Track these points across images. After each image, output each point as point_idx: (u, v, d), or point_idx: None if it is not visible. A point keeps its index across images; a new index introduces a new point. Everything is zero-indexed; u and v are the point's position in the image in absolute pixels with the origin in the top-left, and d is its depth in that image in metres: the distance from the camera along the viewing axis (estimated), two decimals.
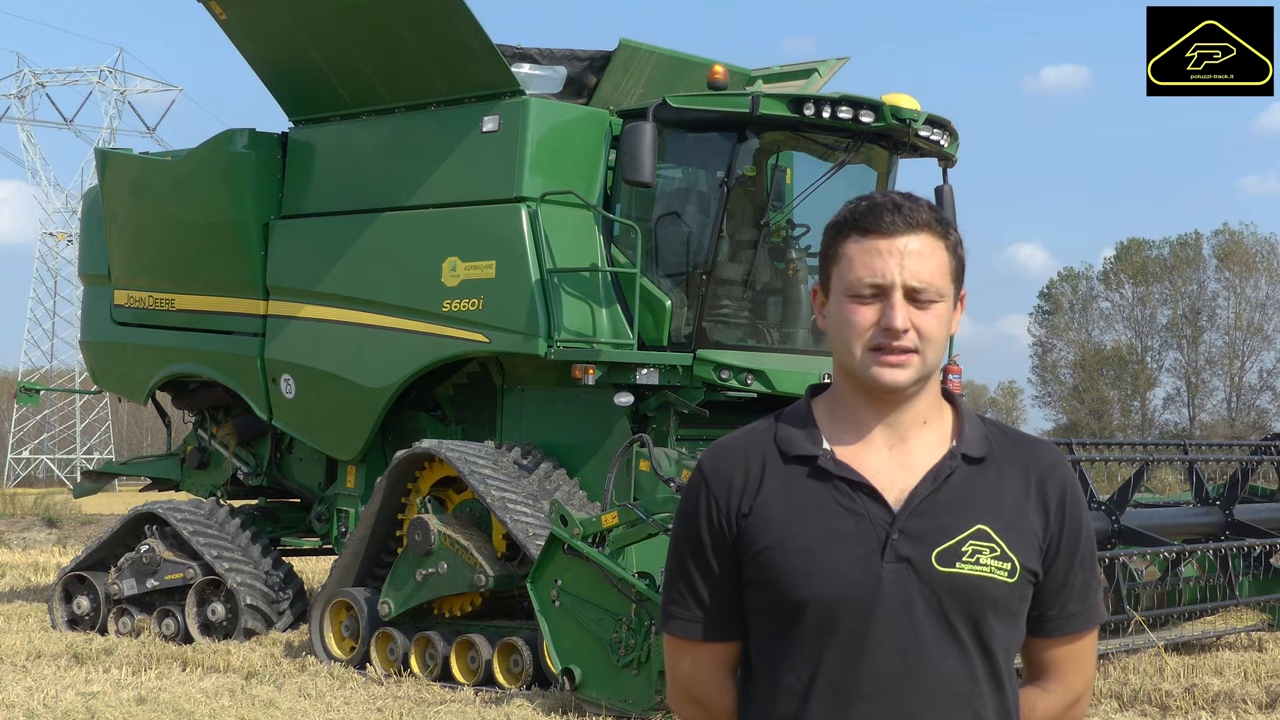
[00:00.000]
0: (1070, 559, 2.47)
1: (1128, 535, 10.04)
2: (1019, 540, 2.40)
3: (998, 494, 2.42)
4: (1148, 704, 9.14)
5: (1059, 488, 2.47)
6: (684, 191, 11.44)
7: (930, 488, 2.40)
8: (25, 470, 68.00)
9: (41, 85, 69.41)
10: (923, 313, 2.39)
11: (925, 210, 2.43)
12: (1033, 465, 2.47)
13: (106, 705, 9.06)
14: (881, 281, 2.38)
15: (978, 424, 2.50)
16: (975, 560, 2.36)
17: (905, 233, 2.40)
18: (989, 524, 2.39)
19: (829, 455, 2.42)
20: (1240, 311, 59.93)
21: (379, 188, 11.84)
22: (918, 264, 2.39)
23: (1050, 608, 2.48)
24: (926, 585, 2.35)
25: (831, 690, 2.36)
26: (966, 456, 2.43)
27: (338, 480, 12.68)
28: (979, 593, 2.36)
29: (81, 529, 26.55)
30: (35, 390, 17.99)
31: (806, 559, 2.36)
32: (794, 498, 2.41)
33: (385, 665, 10.51)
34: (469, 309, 11.03)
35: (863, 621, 2.34)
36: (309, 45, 11.90)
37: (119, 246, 13.61)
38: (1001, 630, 2.39)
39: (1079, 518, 2.48)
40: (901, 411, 2.44)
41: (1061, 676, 2.54)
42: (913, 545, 2.36)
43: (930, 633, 2.35)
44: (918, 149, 11.41)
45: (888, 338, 2.37)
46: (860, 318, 2.40)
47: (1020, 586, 2.40)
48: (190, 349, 13.10)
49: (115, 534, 12.70)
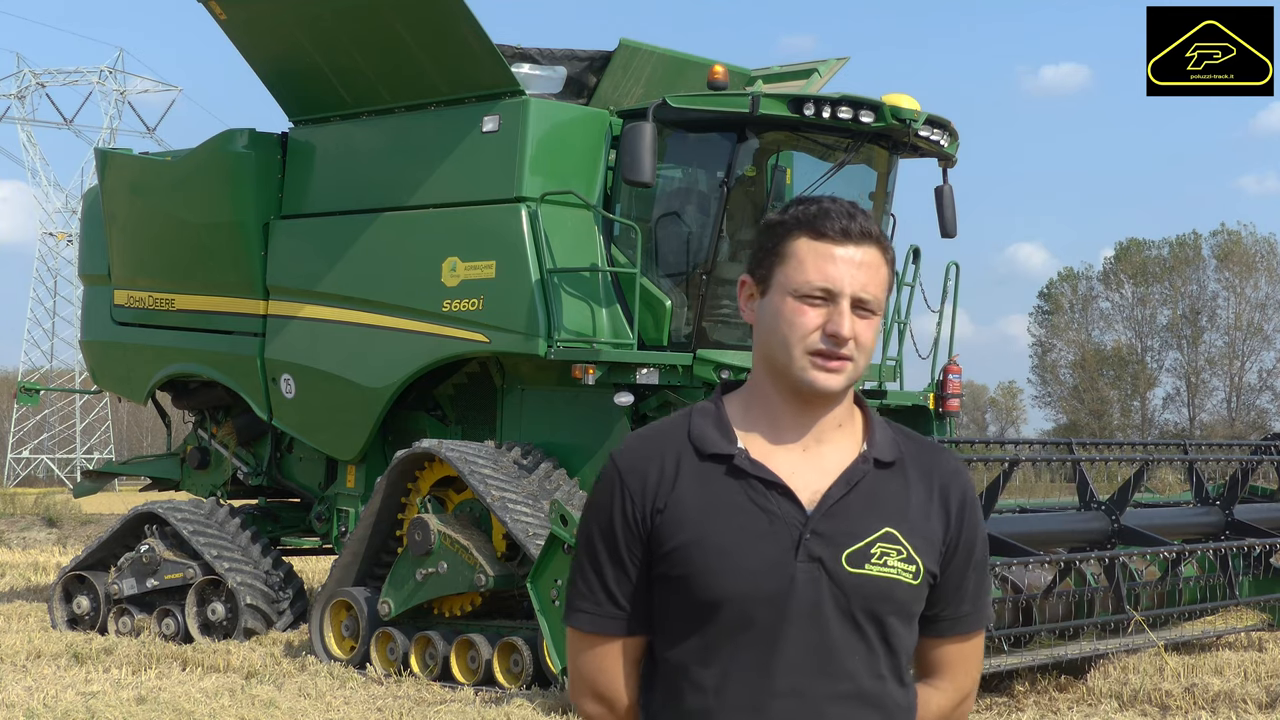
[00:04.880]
0: (966, 562, 2.53)
1: (1128, 535, 10.04)
2: (923, 544, 2.45)
3: (905, 498, 2.47)
4: (1148, 704, 9.14)
5: (960, 494, 2.53)
6: (684, 191, 11.44)
7: (843, 490, 2.44)
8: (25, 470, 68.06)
9: (41, 85, 69.53)
10: (863, 322, 2.44)
11: (874, 223, 2.48)
12: (936, 471, 2.53)
13: (106, 705, 9.06)
14: (833, 287, 2.42)
15: (886, 429, 2.56)
16: (883, 562, 2.41)
17: (858, 242, 2.44)
18: (896, 527, 2.43)
19: (744, 454, 2.44)
20: (1240, 311, 60.00)
21: (379, 188, 11.84)
22: (866, 275, 2.44)
23: (945, 608, 2.53)
24: (836, 585, 2.39)
25: (743, 687, 2.39)
26: (878, 461, 2.49)
27: (338, 480, 12.68)
28: (886, 594, 2.41)
29: (81, 529, 26.54)
30: (35, 390, 17.98)
31: (721, 557, 2.38)
32: (709, 495, 2.42)
33: (385, 665, 10.51)
34: (469, 309, 11.04)
35: (775, 620, 2.38)
36: (309, 45, 11.91)
37: (119, 246, 13.62)
38: (904, 631, 2.45)
39: (975, 523, 2.55)
40: (820, 414, 2.49)
41: (952, 675, 2.59)
42: (824, 546, 2.39)
43: (839, 632, 2.39)
44: (918, 149, 11.42)
45: (833, 344, 2.42)
46: (806, 319, 2.43)
47: (922, 589, 2.46)
48: (190, 349, 13.10)
49: (115, 534, 12.70)
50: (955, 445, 11.08)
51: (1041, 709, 9.10)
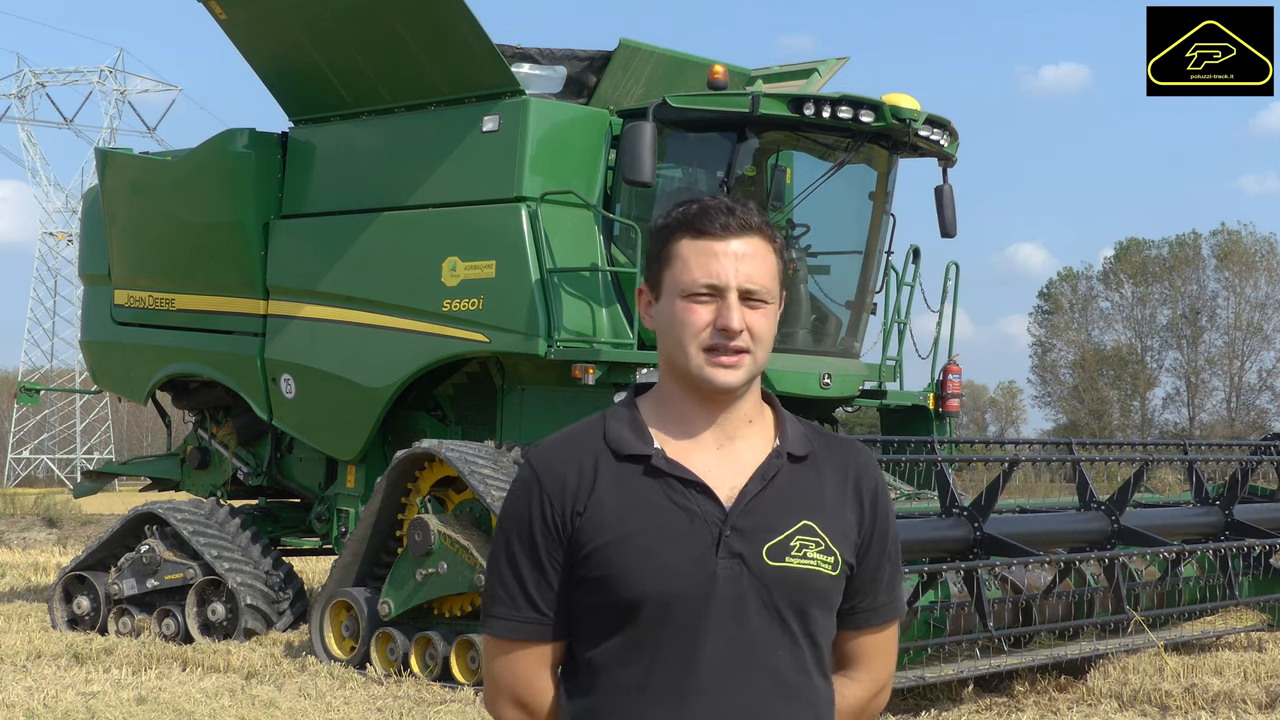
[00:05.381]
0: (880, 553, 2.56)
1: (1127, 535, 10.04)
2: (839, 535, 2.49)
3: (819, 491, 2.51)
4: (1147, 704, 9.15)
5: (871, 485, 2.57)
6: (684, 191, 11.44)
7: (759, 485, 2.47)
8: (25, 470, 68.07)
9: (42, 85, 69.56)
10: (754, 313, 2.46)
11: (756, 214, 2.51)
12: (848, 463, 2.56)
13: (106, 705, 9.06)
14: (717, 282, 2.45)
15: (797, 424, 2.58)
16: (803, 555, 2.44)
17: (739, 235, 2.47)
18: (814, 519, 2.47)
19: (661, 454, 2.47)
20: (1240, 311, 60.01)
21: (379, 187, 11.84)
22: (751, 266, 2.46)
23: (861, 600, 2.56)
24: (758, 580, 2.42)
25: (668, 685, 2.41)
26: (791, 455, 2.51)
27: (338, 480, 12.68)
28: (807, 586, 2.44)
29: (81, 529, 26.54)
30: (35, 390, 17.99)
31: (642, 556, 2.41)
32: (628, 496, 2.44)
33: (385, 665, 10.50)
34: (469, 309, 11.04)
35: (697, 617, 2.40)
36: (309, 45, 11.91)
37: (119, 246, 13.62)
38: (825, 622, 2.50)
39: (887, 514, 2.59)
40: (729, 411, 2.50)
41: (868, 666, 2.62)
42: (744, 541, 2.42)
43: (762, 626, 2.42)
44: (918, 149, 11.43)
45: (724, 338, 2.44)
46: (696, 318, 2.45)
47: (841, 580, 2.50)
48: (190, 349, 13.10)
49: (115, 534, 12.68)
50: (955, 445, 11.10)
51: (1041, 709, 9.10)
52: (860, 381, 11.81)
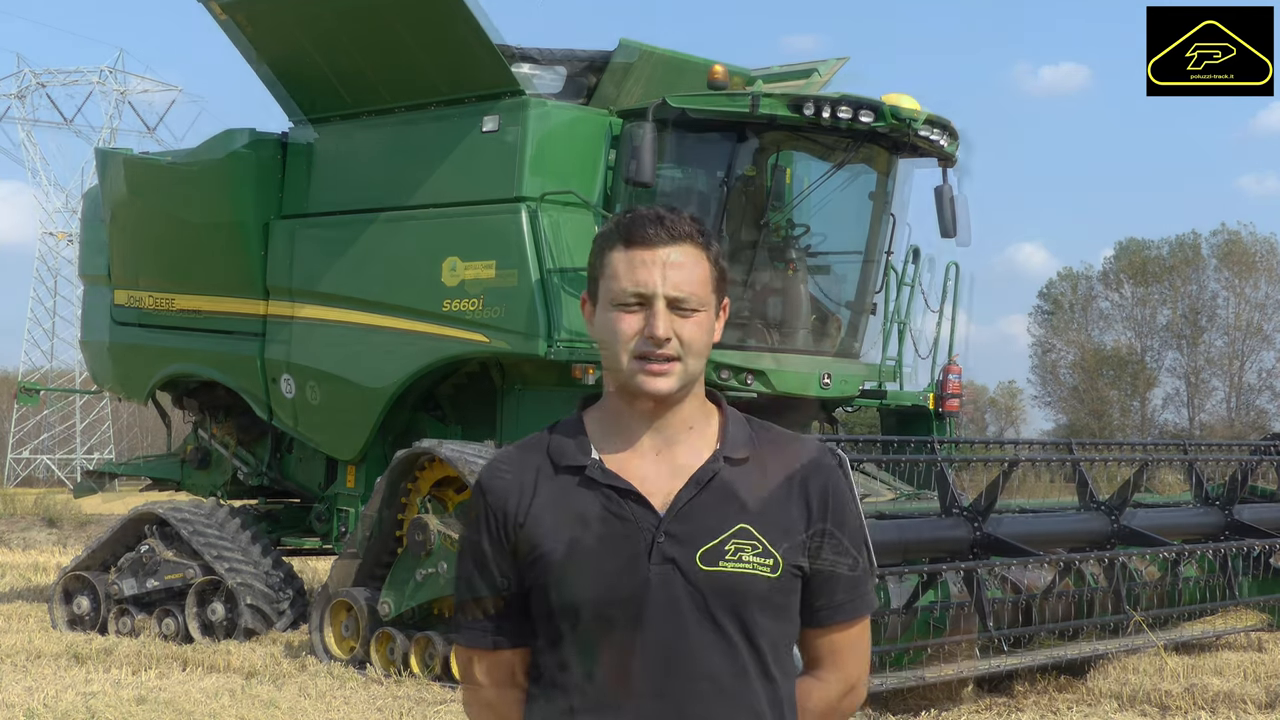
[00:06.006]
0: (835, 550, 2.55)
1: (1128, 535, 10.05)
2: (781, 536, 2.49)
3: (759, 493, 2.51)
4: (1148, 704, 9.16)
5: (820, 483, 2.56)
6: (684, 191, 11.44)
7: (693, 491, 2.49)
8: (25, 470, 68.01)
9: (42, 85, 69.49)
10: (685, 321, 2.49)
11: (688, 223, 2.52)
12: (794, 463, 2.56)
13: (106, 705, 9.07)
14: (645, 291, 2.48)
15: (743, 426, 2.60)
16: (738, 558, 2.45)
17: (668, 244, 2.50)
18: (750, 522, 2.48)
19: (597, 464, 2.51)
20: (1240, 311, 59.95)
21: (379, 188, 11.87)
22: (679, 274, 2.48)
23: (820, 598, 2.57)
24: (692, 584, 2.44)
25: (606, 690, 2.45)
26: (729, 459, 2.52)
27: (338, 480, 12.70)
28: (741, 589, 2.44)
29: (81, 529, 26.53)
30: (35, 390, 18.05)
31: (577, 564, 2.45)
32: (565, 506, 2.49)
33: (385, 665, 10.51)
34: (469, 309, 11.06)
35: (632, 623, 2.43)
36: (309, 45, 11.93)
37: (119, 246, 13.64)
38: (767, 624, 2.48)
39: (842, 510, 2.57)
40: (668, 417, 2.53)
41: (836, 665, 2.62)
42: (678, 547, 2.45)
43: (697, 631, 2.44)
44: (917, 149, 11.45)
45: (651, 345, 2.46)
46: (626, 326, 2.49)
47: (784, 581, 2.49)
48: (190, 349, 13.13)
49: (115, 534, 12.71)
50: (955, 445, 11.11)
51: (1041, 709, 9.11)
52: (860, 382, 11.83)
